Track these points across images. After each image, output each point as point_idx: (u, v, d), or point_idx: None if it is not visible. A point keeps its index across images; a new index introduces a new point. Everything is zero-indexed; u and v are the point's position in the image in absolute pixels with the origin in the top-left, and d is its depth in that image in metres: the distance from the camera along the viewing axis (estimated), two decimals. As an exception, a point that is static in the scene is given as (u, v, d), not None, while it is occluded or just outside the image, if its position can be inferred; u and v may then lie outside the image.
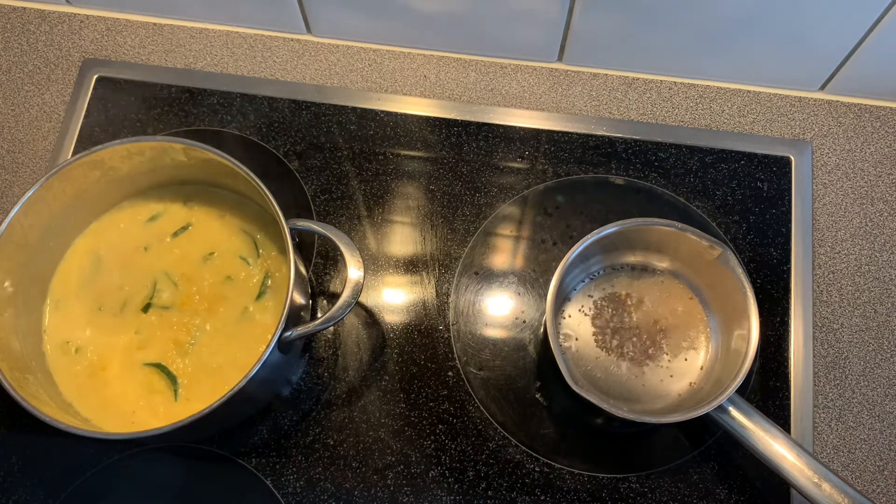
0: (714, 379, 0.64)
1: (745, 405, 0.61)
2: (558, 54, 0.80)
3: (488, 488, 0.66)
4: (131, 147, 0.64)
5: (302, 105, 0.79)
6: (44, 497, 0.66)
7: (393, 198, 0.76)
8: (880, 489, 0.68)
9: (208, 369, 0.64)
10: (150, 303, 0.67)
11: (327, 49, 0.82)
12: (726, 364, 0.64)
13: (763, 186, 0.76)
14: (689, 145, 0.78)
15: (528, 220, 0.75)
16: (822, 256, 0.74)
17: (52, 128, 0.79)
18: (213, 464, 0.67)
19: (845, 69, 0.76)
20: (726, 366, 0.63)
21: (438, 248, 0.74)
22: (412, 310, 0.72)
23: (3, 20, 0.83)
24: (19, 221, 0.62)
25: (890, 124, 0.79)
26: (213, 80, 0.80)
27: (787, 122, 0.79)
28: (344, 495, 0.66)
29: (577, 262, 0.65)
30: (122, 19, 0.83)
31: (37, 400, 0.57)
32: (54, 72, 0.81)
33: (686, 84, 0.81)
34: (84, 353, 0.65)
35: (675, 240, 0.65)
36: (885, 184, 0.77)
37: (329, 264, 0.73)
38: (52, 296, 0.67)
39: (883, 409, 0.70)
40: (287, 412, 0.69)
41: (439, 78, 0.81)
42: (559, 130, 0.78)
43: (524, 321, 0.71)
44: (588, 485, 0.67)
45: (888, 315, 0.73)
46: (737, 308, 0.63)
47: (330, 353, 0.71)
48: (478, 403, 0.69)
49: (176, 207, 0.70)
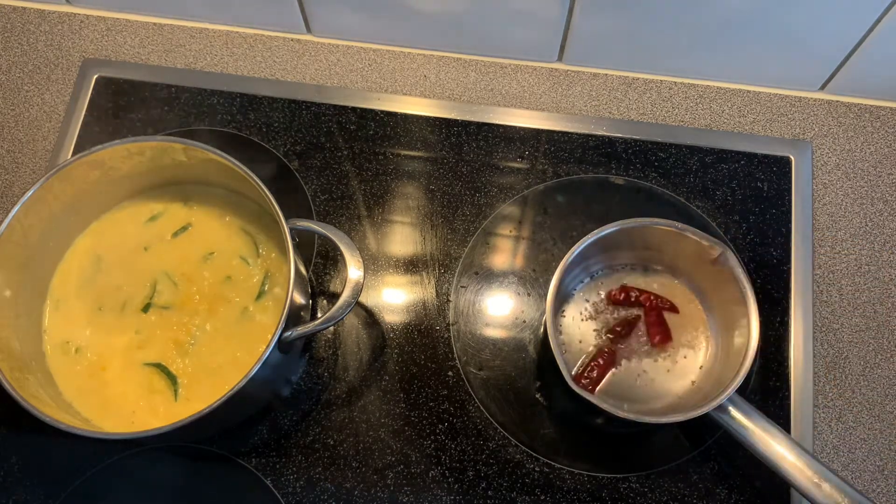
0: (714, 378, 0.64)
1: (745, 405, 0.61)
2: (558, 54, 0.80)
3: (488, 488, 0.66)
4: (131, 147, 0.64)
5: (302, 105, 0.79)
6: (44, 497, 0.66)
7: (393, 198, 0.76)
8: (880, 489, 0.68)
9: (208, 369, 0.64)
10: (150, 303, 0.67)
11: (327, 49, 0.82)
12: (726, 363, 0.64)
13: (763, 186, 0.76)
14: (689, 145, 0.77)
15: (528, 220, 0.75)
16: (822, 256, 0.74)
17: (52, 128, 0.79)
18: (213, 464, 0.67)
19: (845, 69, 0.76)
20: (726, 365, 0.63)
21: (438, 248, 0.74)
22: (412, 310, 0.72)
23: (3, 20, 0.83)
24: (19, 221, 0.62)
25: (890, 124, 0.79)
26: (213, 80, 0.80)
27: (787, 122, 0.79)
28: (344, 495, 0.66)
29: (577, 262, 0.65)
30: (122, 19, 0.83)
31: (37, 400, 0.57)
32: (54, 72, 0.81)
33: (686, 84, 0.81)
34: (84, 353, 0.65)
35: (675, 239, 0.65)
36: (885, 184, 0.77)
37: (329, 264, 0.73)
38: (52, 296, 0.67)
39: (883, 409, 0.70)
40: (287, 412, 0.69)
41: (439, 78, 0.81)
42: (559, 130, 0.78)
43: (524, 321, 0.71)
44: (588, 485, 0.67)
45: (888, 315, 0.73)
46: (737, 307, 0.63)
47: (330, 353, 0.71)
48: (478, 403, 0.69)
49: (176, 207, 0.70)
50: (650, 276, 0.69)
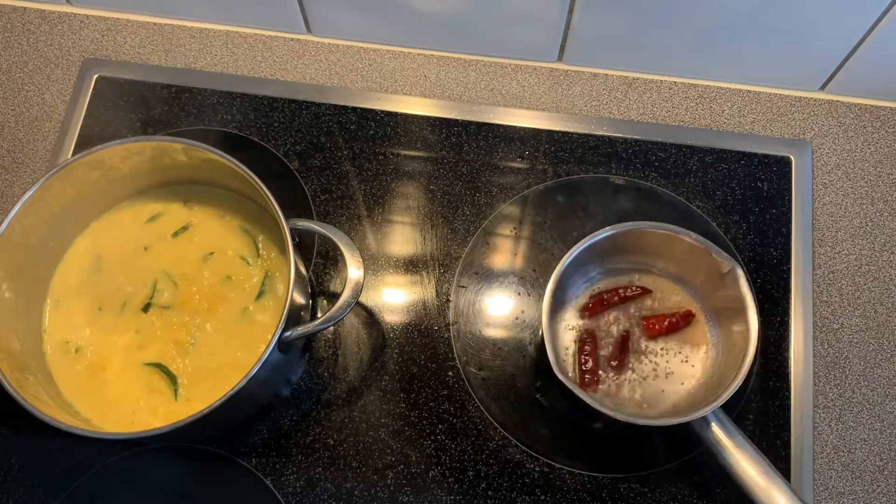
0: (715, 381, 0.64)
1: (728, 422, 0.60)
2: (558, 54, 0.80)
3: (488, 488, 0.66)
4: (131, 147, 0.64)
5: (302, 105, 0.79)
6: (44, 497, 0.66)
7: (393, 198, 0.76)
8: (880, 489, 0.68)
9: (208, 369, 0.64)
10: (150, 303, 0.67)
11: (327, 49, 0.82)
12: (726, 366, 0.64)
13: (763, 186, 0.76)
14: (689, 145, 0.77)
15: (528, 220, 0.75)
16: (822, 256, 0.74)
17: (52, 128, 0.79)
18: (213, 464, 0.67)
19: (845, 69, 0.76)
20: (726, 368, 0.63)
21: (438, 248, 0.74)
22: (412, 310, 0.72)
23: (3, 20, 0.83)
24: (19, 221, 0.62)
25: (890, 124, 0.79)
26: (213, 80, 0.80)
27: (787, 122, 0.79)
28: (344, 495, 0.66)
29: (574, 266, 0.65)
30: (122, 19, 0.83)
31: (37, 400, 0.57)
32: (54, 72, 0.81)
33: (686, 84, 0.81)
34: (84, 353, 0.65)
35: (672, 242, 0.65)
36: (885, 184, 0.77)
37: (329, 264, 0.73)
38: (52, 296, 0.67)
39: (883, 409, 0.70)
40: (287, 412, 0.69)
41: (439, 78, 0.81)
42: (559, 130, 0.78)
43: (524, 321, 0.71)
44: (588, 485, 0.67)
45: (888, 315, 0.73)
46: (736, 310, 0.63)
47: (330, 353, 0.71)
48: (478, 403, 0.69)
49: (176, 207, 0.70)
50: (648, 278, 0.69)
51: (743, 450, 0.59)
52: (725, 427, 0.60)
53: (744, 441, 0.60)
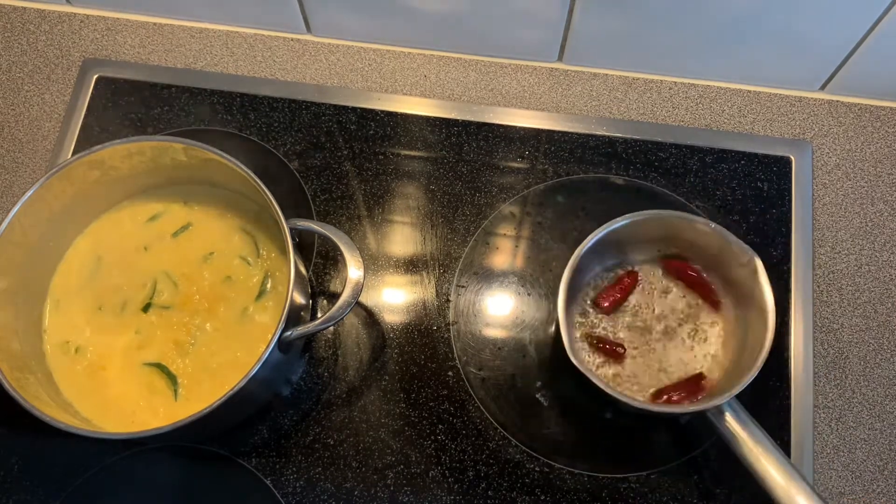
0: (726, 373, 0.64)
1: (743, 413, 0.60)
2: (558, 54, 0.80)
3: (488, 488, 0.66)
4: (131, 147, 0.64)
5: (302, 105, 0.79)
6: (44, 497, 0.66)
7: (393, 198, 0.76)
8: (880, 489, 0.68)
9: (208, 369, 0.64)
10: (150, 303, 0.67)
11: (327, 49, 0.82)
12: (738, 359, 0.63)
13: (763, 186, 0.76)
14: (689, 145, 0.78)
15: (528, 219, 0.75)
16: (822, 256, 0.74)
17: (52, 128, 0.79)
18: (213, 464, 0.67)
19: (845, 69, 0.76)
20: (738, 361, 0.63)
21: (438, 248, 0.74)
22: (412, 310, 0.72)
23: (3, 20, 0.83)
24: (19, 221, 0.62)
25: (890, 124, 0.79)
26: (213, 80, 0.80)
27: (787, 122, 0.79)
28: (344, 495, 0.66)
29: (590, 255, 0.65)
30: (122, 19, 0.83)
31: (37, 400, 0.57)
32: (54, 72, 0.81)
33: (686, 84, 0.81)
34: (84, 352, 0.65)
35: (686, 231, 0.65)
36: (885, 184, 0.77)
37: (329, 264, 0.73)
38: (52, 296, 0.67)
39: (883, 409, 0.70)
40: (287, 412, 0.69)
41: (439, 78, 0.81)
42: (559, 130, 0.78)
43: (524, 321, 0.71)
44: (588, 485, 0.67)
45: (888, 315, 0.73)
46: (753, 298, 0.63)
47: (330, 353, 0.71)
48: (478, 403, 0.69)
49: (176, 207, 0.70)
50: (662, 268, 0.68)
51: (760, 442, 0.59)
52: (740, 418, 0.60)
53: (762, 436, 0.59)
